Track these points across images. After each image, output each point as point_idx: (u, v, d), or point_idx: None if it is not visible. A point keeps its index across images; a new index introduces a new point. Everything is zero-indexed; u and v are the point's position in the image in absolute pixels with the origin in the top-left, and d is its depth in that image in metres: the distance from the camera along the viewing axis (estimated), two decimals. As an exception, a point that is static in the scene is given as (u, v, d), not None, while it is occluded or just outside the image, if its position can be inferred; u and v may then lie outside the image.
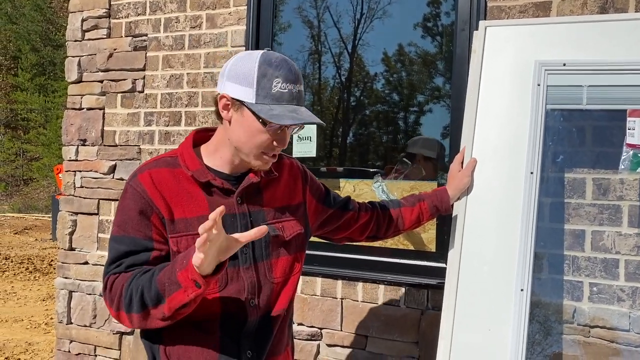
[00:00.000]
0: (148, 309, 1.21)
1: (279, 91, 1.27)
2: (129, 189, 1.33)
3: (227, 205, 1.30)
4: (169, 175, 1.34)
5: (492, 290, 1.71)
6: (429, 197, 1.77)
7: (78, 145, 3.02)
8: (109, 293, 1.27)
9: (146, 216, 1.30)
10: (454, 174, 1.80)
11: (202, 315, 1.31)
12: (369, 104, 2.60)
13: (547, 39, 1.82)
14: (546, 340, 1.97)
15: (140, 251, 1.29)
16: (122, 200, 1.34)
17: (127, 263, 1.28)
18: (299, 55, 2.66)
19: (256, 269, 1.38)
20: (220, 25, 2.66)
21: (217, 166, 1.38)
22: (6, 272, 8.34)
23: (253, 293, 1.36)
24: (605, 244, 1.93)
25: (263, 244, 1.39)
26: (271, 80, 1.27)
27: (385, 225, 1.73)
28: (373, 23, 2.53)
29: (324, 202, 1.62)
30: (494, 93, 1.84)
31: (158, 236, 1.31)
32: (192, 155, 1.37)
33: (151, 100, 2.82)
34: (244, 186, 1.37)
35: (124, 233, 1.30)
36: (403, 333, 2.25)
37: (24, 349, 4.89)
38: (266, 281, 1.39)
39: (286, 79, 1.28)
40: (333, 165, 2.62)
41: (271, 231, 1.39)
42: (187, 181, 1.34)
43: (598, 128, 1.93)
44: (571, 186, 1.97)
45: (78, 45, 3.03)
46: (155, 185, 1.32)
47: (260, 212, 1.41)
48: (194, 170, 1.34)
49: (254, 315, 1.36)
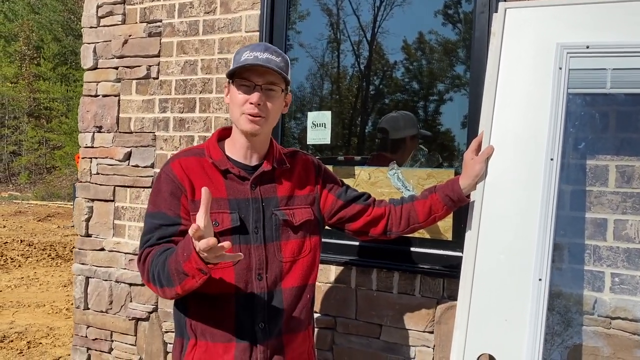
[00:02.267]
0: (164, 287, 1.42)
1: (245, 58, 1.50)
2: (162, 174, 1.57)
3: (243, 191, 1.56)
4: (196, 163, 1.57)
5: (510, 279, 1.66)
6: (441, 188, 1.75)
7: (94, 132, 3.02)
8: (142, 265, 1.49)
9: (176, 197, 1.52)
10: (467, 162, 1.75)
11: (218, 290, 1.51)
12: (388, 92, 2.55)
13: (569, 20, 1.75)
14: (566, 332, 1.92)
15: (169, 225, 1.51)
16: (157, 184, 1.57)
17: (157, 235, 1.50)
18: (318, 44, 2.61)
19: (266, 248, 1.56)
20: (235, 10, 2.63)
21: (236, 156, 1.59)
22: (29, 258, 8.50)
23: (261, 269, 1.54)
24: (629, 233, 1.86)
25: (273, 226, 1.58)
26: (241, 54, 1.53)
27: (399, 220, 1.75)
28: (393, 10, 2.47)
29: (337, 194, 1.74)
30: (514, 77, 1.78)
31: (184, 214, 1.52)
32: (216, 147, 1.60)
33: (166, 86, 2.81)
34: (257, 174, 1.58)
35: (157, 210, 1.53)
36: (418, 322, 2.22)
37: (45, 333, 4.98)
38: (274, 259, 1.57)
39: (253, 49, 1.52)
40: (351, 154, 2.59)
41: (281, 216, 1.59)
42: (210, 168, 1.56)
43: (622, 113, 1.86)
44: (593, 173, 1.91)
45: (93, 32, 3.02)
46: (184, 170, 1.55)
47: (273, 199, 1.60)
48: (216, 160, 1.57)
49: (262, 288, 1.54)
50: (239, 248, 1.51)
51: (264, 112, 1.52)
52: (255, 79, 1.50)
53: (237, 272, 1.52)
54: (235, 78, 1.53)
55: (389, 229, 1.77)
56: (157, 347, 2.80)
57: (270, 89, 1.53)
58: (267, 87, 1.52)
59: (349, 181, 2.43)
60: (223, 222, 1.51)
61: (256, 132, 1.54)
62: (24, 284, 6.95)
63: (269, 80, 1.52)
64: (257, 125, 1.53)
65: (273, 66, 1.49)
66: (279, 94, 1.56)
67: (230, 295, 1.52)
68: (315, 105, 2.67)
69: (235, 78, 1.53)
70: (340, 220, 1.75)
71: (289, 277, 1.58)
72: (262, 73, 1.50)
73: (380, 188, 2.38)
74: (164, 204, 1.52)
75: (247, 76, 1.51)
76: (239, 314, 1.52)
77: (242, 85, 1.51)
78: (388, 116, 2.46)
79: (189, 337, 1.55)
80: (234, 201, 1.54)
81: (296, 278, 1.60)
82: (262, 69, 1.50)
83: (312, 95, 2.70)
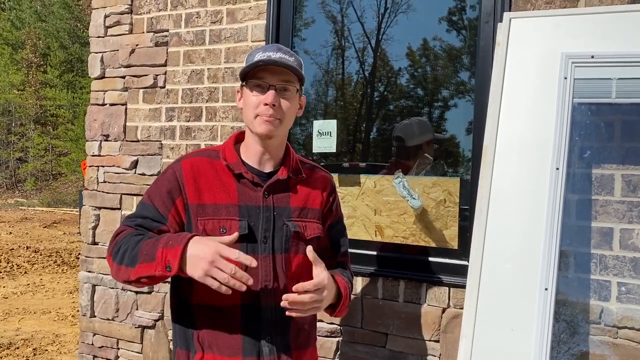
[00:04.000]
0: (122, 265, 1.38)
1: (259, 58, 1.45)
2: (170, 169, 1.52)
3: (254, 198, 1.49)
4: (208, 165, 1.51)
5: (516, 289, 1.66)
6: None
7: (101, 141, 3.05)
8: (114, 238, 1.46)
9: (172, 198, 1.48)
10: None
11: (224, 302, 1.42)
12: (393, 99, 2.56)
13: (573, 30, 1.76)
14: (572, 341, 1.91)
15: (154, 220, 1.47)
16: (162, 176, 1.53)
17: (138, 222, 1.47)
18: (323, 50, 2.64)
19: (274, 259, 1.48)
20: (241, 20, 2.65)
21: (250, 161, 1.53)
22: (35, 265, 8.52)
23: (268, 281, 1.47)
24: (635, 242, 1.86)
25: (283, 238, 1.49)
26: (253, 55, 1.48)
27: None
28: (397, 17, 2.49)
29: (330, 229, 1.64)
30: (519, 87, 1.79)
31: (173, 218, 1.48)
32: (232, 150, 1.54)
33: (172, 95, 2.83)
34: (271, 182, 1.50)
35: (150, 202, 1.50)
36: (424, 331, 2.22)
37: (51, 340, 4.99)
38: (282, 272, 1.49)
39: (266, 50, 1.47)
40: (356, 161, 2.60)
41: (292, 227, 1.50)
42: (223, 172, 1.50)
43: (628, 122, 1.86)
44: (599, 182, 1.91)
45: (101, 41, 3.05)
46: (193, 172, 1.49)
47: (286, 209, 1.52)
48: (231, 163, 1.51)
49: (269, 301, 1.46)
50: None
51: (279, 113, 1.45)
52: (269, 78, 1.44)
53: None
54: (248, 79, 1.47)
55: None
56: (163, 355, 2.81)
57: (285, 89, 1.46)
58: (281, 87, 1.45)
59: (355, 189, 2.44)
60: (231, 229, 1.44)
61: (271, 133, 1.46)
62: (30, 290, 6.97)
63: (284, 79, 1.45)
64: (272, 127, 1.45)
65: (288, 63, 1.44)
66: (294, 94, 1.49)
67: (236, 307, 1.45)
68: (320, 112, 2.69)
69: (249, 79, 1.47)
70: None
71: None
72: (276, 72, 1.44)
73: (386, 196, 2.38)
74: (158, 200, 1.48)
75: (261, 76, 1.44)
76: (246, 327, 1.46)
77: (256, 86, 1.45)
78: (402, 124, 2.46)
79: (196, 350, 1.48)
80: (244, 208, 1.47)
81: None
82: (276, 68, 1.44)
83: (317, 101, 2.71)
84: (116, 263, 1.40)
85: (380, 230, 2.40)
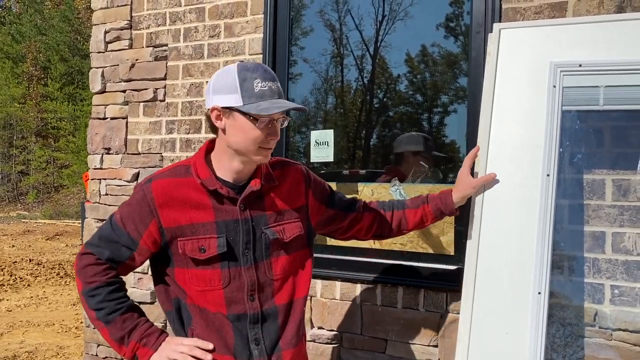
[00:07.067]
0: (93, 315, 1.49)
1: (261, 89, 1.43)
2: (139, 191, 1.51)
3: (231, 212, 1.51)
4: (179, 185, 1.51)
5: (510, 293, 1.70)
6: (433, 200, 1.78)
7: (102, 154, 3.10)
8: (81, 270, 1.50)
9: (145, 223, 1.49)
10: (462, 178, 1.80)
11: (212, 308, 1.51)
12: (392, 105, 2.61)
13: (562, 40, 1.80)
14: (567, 344, 1.95)
15: (125, 246, 1.50)
16: (132, 198, 1.53)
17: (107, 255, 1.50)
18: (322, 59, 2.67)
19: (256, 268, 1.53)
20: (238, 33, 2.71)
21: (224, 175, 1.53)
22: (38, 277, 8.55)
23: (253, 290, 1.53)
24: (626, 246, 1.90)
25: (263, 246, 1.54)
26: (251, 81, 1.43)
27: (389, 226, 1.78)
28: (395, 25, 2.53)
29: (327, 204, 1.72)
30: (509, 95, 1.84)
31: (145, 244, 1.50)
32: (203, 165, 1.53)
33: (172, 108, 2.88)
34: (245, 194, 1.52)
35: (122, 225, 1.51)
36: (423, 336, 2.25)
37: (55, 352, 5.01)
38: (266, 279, 1.55)
39: (264, 78, 1.44)
40: (356, 168, 2.64)
41: (271, 235, 1.55)
42: (197, 190, 1.50)
43: (616, 128, 1.91)
44: (590, 187, 1.95)
45: (101, 57, 3.11)
46: (166, 194, 1.49)
47: (263, 217, 1.55)
48: (204, 179, 1.50)
49: (254, 309, 1.52)
50: (229, 272, 1.50)
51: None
52: (275, 114, 1.46)
53: (227, 295, 1.50)
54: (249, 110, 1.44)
55: (378, 234, 1.80)
56: (167, 364, 2.84)
57: (280, 120, 1.51)
58: (281, 120, 1.51)
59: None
60: (210, 248, 1.48)
61: (266, 162, 1.55)
62: (34, 303, 7.00)
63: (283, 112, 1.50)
64: (269, 157, 1.54)
65: (297, 106, 1.52)
66: None
67: (223, 315, 1.51)
68: (320, 120, 2.73)
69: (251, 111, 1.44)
70: (333, 229, 1.76)
71: (281, 293, 1.57)
72: None
73: (383, 204, 2.42)
74: (130, 224, 1.50)
75: None
76: (234, 331, 1.51)
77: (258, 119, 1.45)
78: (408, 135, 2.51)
79: None
80: (222, 224, 1.50)
81: (289, 293, 1.58)
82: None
83: (317, 109, 2.76)
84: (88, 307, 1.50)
85: (378, 237, 2.43)
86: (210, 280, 1.50)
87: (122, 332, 1.48)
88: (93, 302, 1.49)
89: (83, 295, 1.50)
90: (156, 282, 1.60)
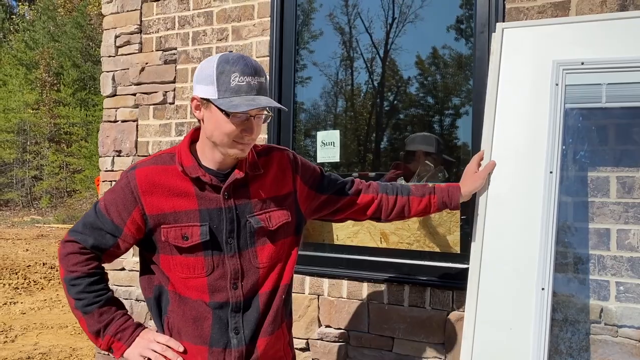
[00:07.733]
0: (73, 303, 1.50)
1: (237, 84, 1.40)
2: (124, 179, 1.51)
3: (215, 200, 1.50)
4: (163, 173, 1.50)
5: (514, 289, 1.71)
6: (440, 192, 1.77)
7: (114, 157, 3.15)
8: (64, 257, 1.51)
9: (128, 210, 1.49)
10: (469, 173, 1.81)
11: (194, 295, 1.50)
12: (402, 108, 2.63)
13: (564, 38, 1.82)
14: (572, 340, 1.95)
15: (109, 233, 1.50)
16: (117, 185, 1.52)
17: (91, 243, 1.50)
18: (332, 62, 2.70)
19: (241, 256, 1.52)
20: (245, 36, 2.74)
21: (208, 164, 1.52)
22: (52, 280, 8.65)
23: (236, 278, 1.52)
24: (631, 243, 1.91)
25: (248, 234, 1.53)
26: (229, 75, 1.40)
27: (390, 210, 1.76)
28: (405, 27, 2.54)
29: (317, 189, 1.69)
30: (513, 94, 1.85)
31: (129, 231, 1.50)
32: (187, 153, 1.52)
33: (181, 111, 2.93)
34: (228, 182, 1.50)
35: (106, 212, 1.50)
36: (429, 334, 2.27)
37: (68, 354, 5.07)
38: (251, 267, 1.53)
39: (243, 73, 1.41)
40: (365, 171, 2.66)
41: (255, 223, 1.53)
42: (180, 177, 1.50)
43: (619, 126, 1.92)
44: (595, 185, 1.96)
45: (112, 61, 3.16)
46: (149, 182, 1.49)
47: (247, 205, 1.54)
48: (187, 167, 1.49)
49: (237, 297, 1.51)
50: (212, 260, 1.49)
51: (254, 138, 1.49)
52: (252, 111, 1.42)
53: (210, 283, 1.50)
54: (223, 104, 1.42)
55: (378, 216, 1.77)
56: (177, 363, 2.87)
57: (261, 116, 1.48)
58: (259, 115, 1.47)
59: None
60: (192, 236, 1.48)
61: (244, 156, 1.50)
62: (47, 306, 7.08)
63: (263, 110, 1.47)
64: (246, 151, 1.49)
65: (273, 104, 1.44)
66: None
67: (205, 303, 1.50)
68: (330, 122, 2.75)
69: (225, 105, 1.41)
70: (326, 213, 1.73)
71: (266, 282, 1.55)
72: None
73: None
74: (114, 210, 1.49)
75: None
76: (214, 320, 1.50)
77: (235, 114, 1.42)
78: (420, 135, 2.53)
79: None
80: (205, 211, 1.49)
81: (273, 281, 1.56)
82: None
83: (327, 112, 2.78)
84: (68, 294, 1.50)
85: (385, 237, 2.46)
86: (194, 268, 1.50)
87: (99, 326, 1.49)
88: (73, 291, 1.50)
89: (64, 282, 1.52)
90: (142, 270, 1.60)
